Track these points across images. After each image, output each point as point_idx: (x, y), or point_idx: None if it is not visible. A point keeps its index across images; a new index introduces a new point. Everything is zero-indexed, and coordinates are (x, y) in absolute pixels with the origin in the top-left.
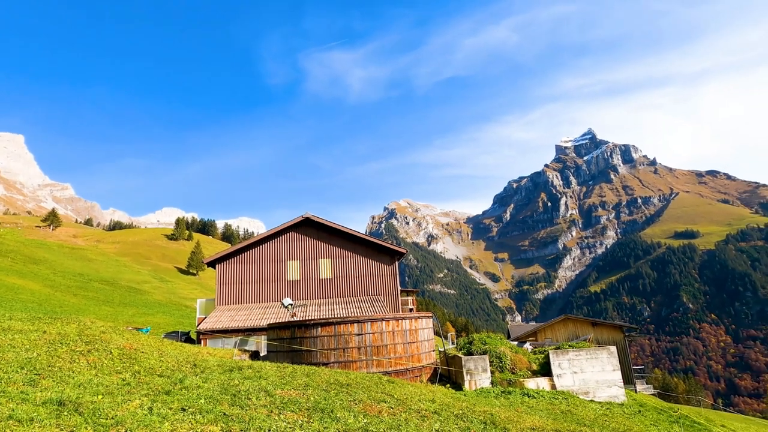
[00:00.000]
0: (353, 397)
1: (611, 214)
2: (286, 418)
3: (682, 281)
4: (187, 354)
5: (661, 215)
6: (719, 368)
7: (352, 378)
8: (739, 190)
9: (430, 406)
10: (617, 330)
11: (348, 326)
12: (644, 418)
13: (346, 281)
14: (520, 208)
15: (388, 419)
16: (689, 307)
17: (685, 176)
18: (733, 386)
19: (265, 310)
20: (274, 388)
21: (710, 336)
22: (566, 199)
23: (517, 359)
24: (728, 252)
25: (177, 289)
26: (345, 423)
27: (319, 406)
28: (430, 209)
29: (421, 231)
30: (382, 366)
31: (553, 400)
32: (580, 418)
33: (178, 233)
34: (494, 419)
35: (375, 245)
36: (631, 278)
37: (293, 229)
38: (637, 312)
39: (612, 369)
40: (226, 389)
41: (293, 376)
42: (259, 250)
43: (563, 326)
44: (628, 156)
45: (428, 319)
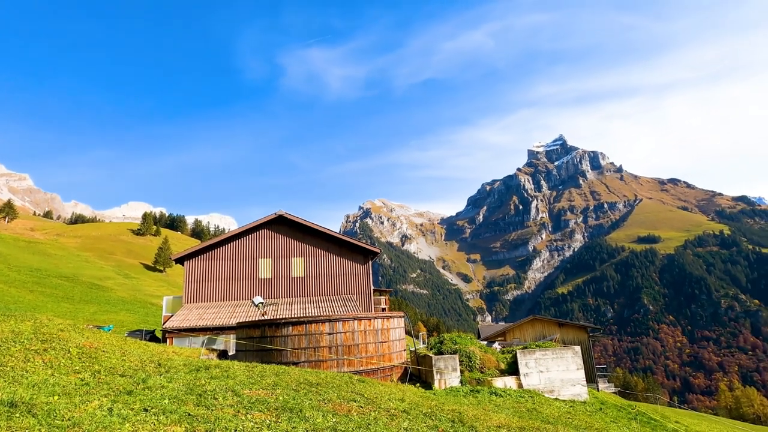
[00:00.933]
0: (323, 397)
1: (579, 218)
2: (253, 418)
3: (643, 284)
4: (152, 353)
5: (626, 220)
6: (675, 367)
7: (322, 377)
8: (697, 198)
9: (400, 405)
10: (582, 330)
11: (319, 325)
12: (605, 416)
13: (319, 280)
14: (492, 210)
15: (358, 418)
16: (649, 308)
17: (649, 183)
18: (687, 384)
19: (235, 309)
20: (241, 387)
21: (668, 336)
22: (537, 203)
23: (486, 359)
24: (686, 257)
25: (142, 286)
26: (314, 422)
27: (287, 405)
28: (405, 209)
29: (396, 231)
30: (353, 365)
31: (519, 399)
32: (545, 416)
33: (145, 228)
34: (462, 417)
35: (349, 244)
36: (596, 280)
37: (266, 226)
38: (601, 313)
39: (576, 368)
40: (192, 389)
41: (262, 375)
42: (230, 247)
43: (531, 326)
44: (596, 162)
45: (400, 319)
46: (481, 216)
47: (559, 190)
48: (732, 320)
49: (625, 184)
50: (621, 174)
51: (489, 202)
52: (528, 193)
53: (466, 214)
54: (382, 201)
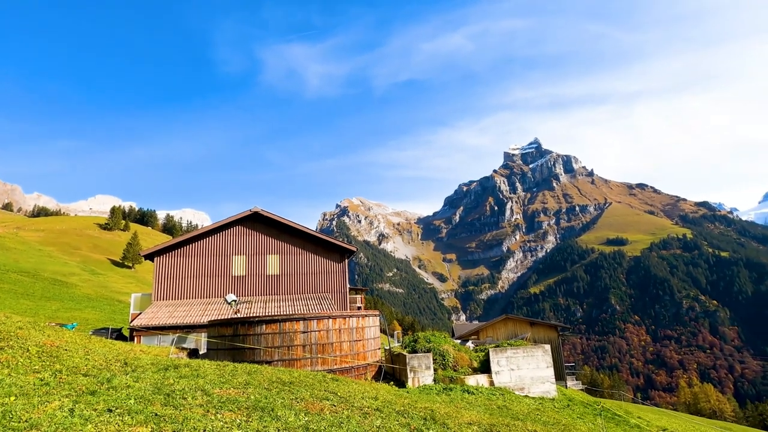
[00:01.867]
0: (295, 396)
1: (552, 220)
2: (223, 418)
3: (611, 285)
4: (118, 352)
5: (596, 223)
6: (639, 365)
7: (296, 376)
8: (663, 202)
9: (373, 403)
10: (552, 329)
11: (294, 324)
12: (572, 412)
13: (294, 278)
14: (469, 210)
15: (330, 417)
16: (616, 308)
17: (618, 187)
18: (650, 381)
19: (207, 307)
20: (212, 387)
21: (633, 335)
22: (512, 204)
23: (460, 357)
24: (651, 259)
25: (109, 282)
26: (285, 421)
27: (259, 404)
28: (383, 208)
29: (373, 230)
30: (327, 364)
31: (491, 396)
32: (515, 413)
33: (113, 223)
34: (434, 415)
35: (325, 242)
36: (567, 281)
37: (241, 222)
38: (571, 312)
39: (546, 366)
40: (160, 388)
41: (233, 374)
42: (203, 243)
43: (504, 325)
44: (569, 166)
45: (375, 318)
46: (458, 216)
47: (533, 192)
48: (692, 320)
49: (596, 187)
50: (592, 178)
51: (465, 202)
52: (503, 195)
53: (442, 214)
54: (360, 199)
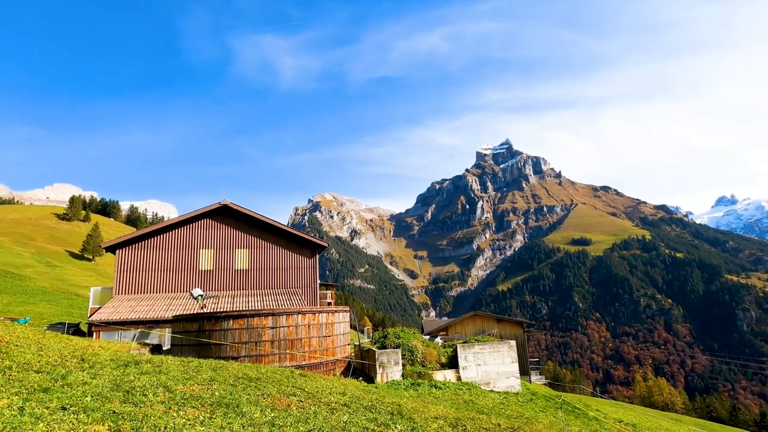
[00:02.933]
0: (262, 392)
1: (521, 220)
2: (186, 415)
3: (575, 283)
4: (75, 348)
5: (562, 223)
6: (599, 360)
7: (263, 372)
8: (624, 205)
9: (341, 399)
10: (518, 326)
11: (262, 319)
12: (535, 405)
13: (264, 273)
14: (441, 208)
15: (297, 413)
16: (579, 306)
17: (584, 189)
18: (609, 376)
19: (172, 301)
20: (175, 383)
21: (594, 332)
22: (483, 203)
23: (428, 353)
24: (613, 259)
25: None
26: (250, 418)
27: (224, 401)
28: (356, 204)
29: (345, 225)
30: (295, 360)
31: (457, 391)
32: (480, 407)
33: (72, 213)
34: (401, 410)
35: (296, 237)
36: (533, 279)
37: (209, 215)
38: (537, 310)
39: (511, 361)
40: (119, 385)
41: (198, 370)
42: (169, 236)
43: (472, 322)
44: (538, 167)
45: (345, 313)
46: (430, 214)
47: (503, 192)
48: (649, 317)
49: (563, 189)
50: (560, 179)
51: (438, 200)
52: (475, 194)
53: (415, 212)
54: (333, 195)
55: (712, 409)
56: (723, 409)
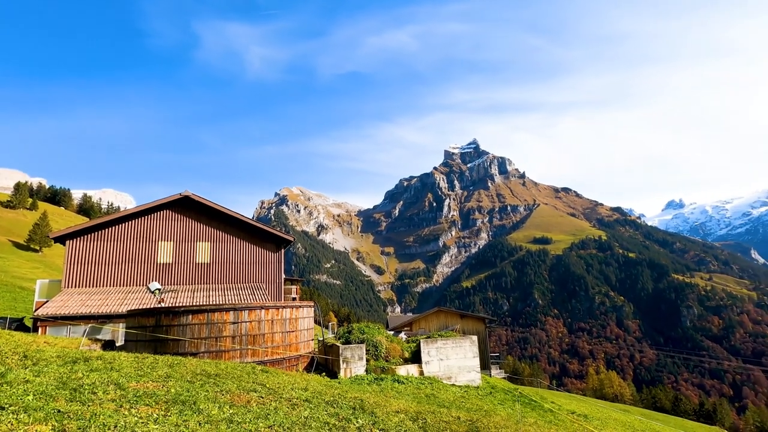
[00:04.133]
0: (221, 388)
1: (486, 218)
2: (138, 413)
3: (535, 280)
4: (17, 344)
5: (525, 222)
6: (556, 354)
7: (222, 368)
8: (583, 206)
9: (302, 394)
10: (480, 321)
11: (223, 314)
12: (494, 399)
13: (226, 267)
14: (408, 205)
15: (257, 409)
16: (539, 302)
17: (546, 190)
18: (565, 369)
19: (127, 295)
20: (127, 380)
21: (552, 328)
22: (450, 201)
23: (392, 348)
24: (571, 258)
25: (11, 267)
26: (208, 414)
27: (180, 398)
28: (323, 199)
29: (312, 220)
30: (257, 355)
31: (420, 385)
32: (441, 401)
33: (17, 200)
34: (363, 404)
35: (261, 231)
36: (496, 276)
37: (169, 207)
38: (498, 306)
39: (472, 356)
40: (66, 383)
41: (153, 367)
42: (124, 227)
43: (436, 317)
44: (503, 168)
45: (309, 309)
46: (397, 210)
47: (470, 191)
48: (602, 314)
49: (526, 189)
50: (524, 180)
51: (406, 197)
52: (442, 192)
53: (383, 208)
54: (300, 189)
55: (657, 400)
56: (666, 400)
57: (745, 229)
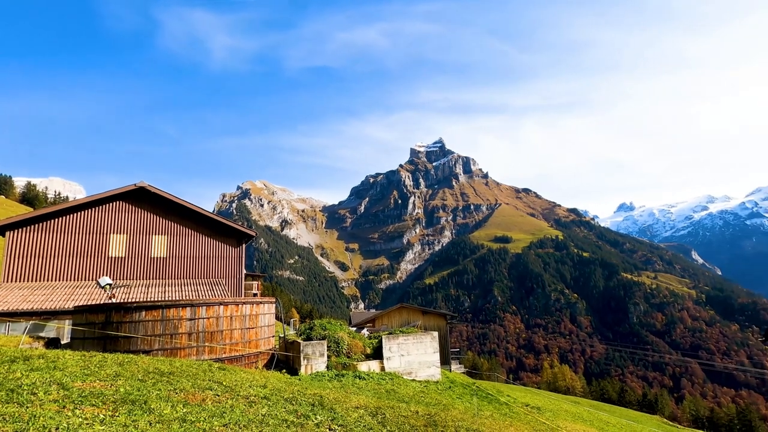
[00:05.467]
0: (174, 386)
1: (449, 216)
2: (83, 414)
3: (495, 278)
4: None
5: (487, 221)
6: (513, 350)
7: (177, 366)
8: (542, 206)
9: (261, 392)
10: (442, 318)
11: (179, 310)
12: (452, 393)
13: (184, 262)
14: (374, 202)
15: (212, 407)
16: (498, 299)
17: (508, 190)
18: (521, 364)
19: (74, 291)
20: (72, 380)
21: (510, 324)
22: (414, 199)
23: (354, 344)
24: (530, 256)
25: None
26: (159, 414)
27: (129, 397)
28: (288, 194)
29: (276, 215)
30: (215, 352)
31: (380, 381)
32: (401, 396)
33: None
34: (323, 401)
35: (221, 225)
36: (459, 273)
37: (123, 198)
38: (460, 302)
39: (433, 352)
40: (2, 383)
41: (101, 365)
42: (73, 218)
43: (398, 314)
44: (468, 167)
45: (271, 305)
46: (363, 207)
47: (434, 189)
48: (558, 310)
49: (489, 189)
50: (487, 180)
51: (371, 194)
52: (407, 189)
53: (348, 204)
54: (264, 183)
55: (605, 392)
56: (613, 391)
57: (687, 231)
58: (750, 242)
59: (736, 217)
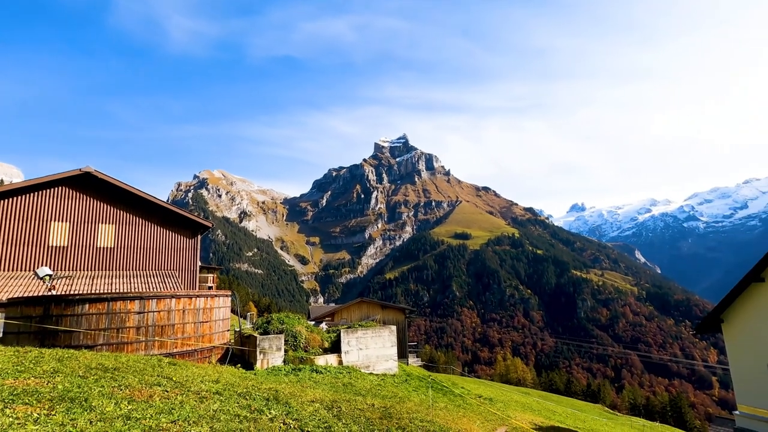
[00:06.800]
0: (119, 382)
1: (411, 212)
2: (14, 413)
3: (454, 273)
4: None
5: (447, 218)
6: (469, 343)
7: (123, 361)
8: (500, 205)
9: (213, 387)
10: (401, 312)
11: (127, 303)
12: (408, 386)
13: (134, 253)
14: (336, 196)
15: (160, 403)
16: (456, 294)
17: (468, 188)
18: (477, 357)
19: (8, 281)
20: (3, 377)
21: (467, 318)
22: (377, 194)
23: (312, 338)
24: (487, 253)
25: None
26: (101, 412)
27: (68, 395)
28: (248, 185)
29: (235, 206)
30: (165, 347)
31: (338, 375)
32: (358, 389)
33: None
34: (278, 395)
35: (175, 215)
36: (418, 268)
37: (66, 183)
38: (419, 297)
39: (391, 345)
40: None
41: (37, 361)
42: (9, 203)
43: (358, 308)
44: (430, 164)
45: (226, 298)
46: (325, 200)
47: (397, 185)
48: (512, 305)
49: (450, 186)
50: (448, 177)
51: (334, 187)
52: (370, 184)
53: (310, 197)
54: (222, 172)
55: (553, 383)
56: (561, 382)
57: (632, 232)
58: (686, 243)
59: (675, 220)
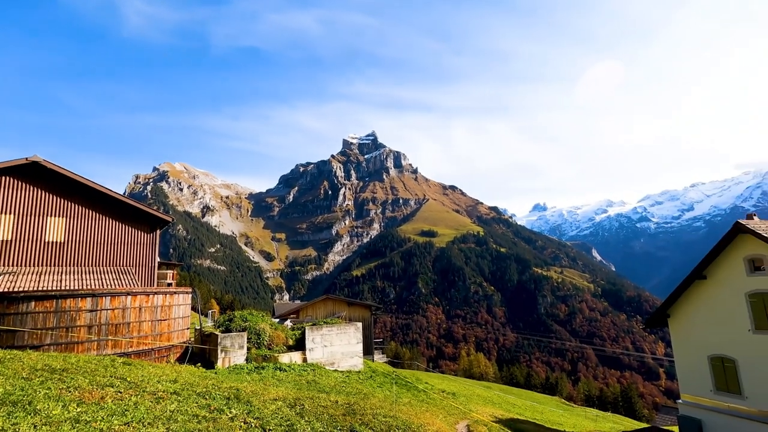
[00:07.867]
0: (68, 384)
1: (379, 209)
2: None
3: (420, 270)
4: None
5: (414, 216)
6: (434, 339)
7: (73, 362)
8: (466, 203)
9: (170, 387)
10: (367, 309)
11: (77, 301)
12: (374, 382)
13: (87, 247)
14: (303, 191)
15: (113, 405)
16: (422, 291)
17: (435, 187)
18: (441, 353)
19: None
20: None
21: (432, 314)
22: (345, 191)
23: (276, 335)
24: (453, 250)
25: None
26: (47, 415)
27: (10, 398)
28: (211, 178)
29: (197, 200)
30: (120, 347)
31: (302, 372)
32: (322, 386)
33: None
34: (239, 394)
35: (132, 208)
36: (385, 265)
37: (11, 173)
38: (386, 294)
39: (356, 342)
40: None
41: None
42: None
43: (324, 305)
44: (398, 162)
45: (186, 295)
46: (292, 196)
47: (365, 182)
48: (476, 302)
49: (418, 184)
50: (416, 175)
51: (301, 183)
52: (338, 180)
53: (276, 192)
54: (184, 165)
55: (514, 377)
56: (521, 376)
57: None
58: (639, 242)
59: (629, 220)
